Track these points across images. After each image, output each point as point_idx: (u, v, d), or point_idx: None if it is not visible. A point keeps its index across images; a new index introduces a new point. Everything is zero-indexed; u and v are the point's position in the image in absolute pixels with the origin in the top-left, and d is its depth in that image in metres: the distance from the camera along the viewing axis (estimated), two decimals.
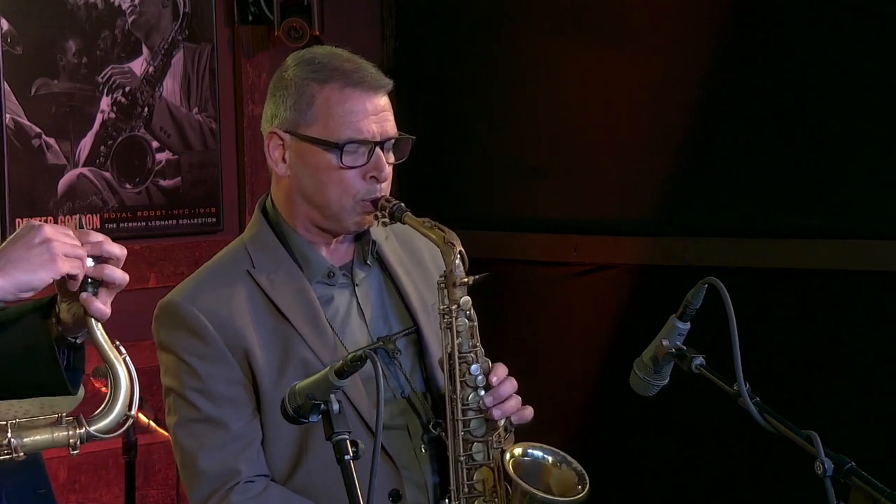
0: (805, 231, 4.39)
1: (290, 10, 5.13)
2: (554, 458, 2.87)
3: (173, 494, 4.86)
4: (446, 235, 2.85)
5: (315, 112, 2.89)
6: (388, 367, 2.94)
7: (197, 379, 2.87)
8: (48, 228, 2.13)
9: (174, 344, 2.91)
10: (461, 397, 2.83)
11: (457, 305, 2.84)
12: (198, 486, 2.88)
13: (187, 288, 2.94)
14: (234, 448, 2.86)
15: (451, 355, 2.84)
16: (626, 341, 4.57)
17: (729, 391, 2.60)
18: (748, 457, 4.41)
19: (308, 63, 2.94)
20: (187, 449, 2.89)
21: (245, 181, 5.24)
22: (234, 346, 2.86)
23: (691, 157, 4.67)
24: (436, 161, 5.02)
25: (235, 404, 2.87)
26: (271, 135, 2.94)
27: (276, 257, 2.94)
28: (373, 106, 2.90)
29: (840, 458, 2.47)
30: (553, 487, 2.84)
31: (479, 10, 5.23)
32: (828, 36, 4.37)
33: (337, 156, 2.87)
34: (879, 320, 4.26)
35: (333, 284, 2.96)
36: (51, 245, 2.11)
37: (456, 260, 2.83)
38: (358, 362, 2.46)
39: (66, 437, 2.11)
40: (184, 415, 2.90)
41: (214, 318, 2.86)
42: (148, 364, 4.79)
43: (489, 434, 2.84)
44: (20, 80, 4.72)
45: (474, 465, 2.84)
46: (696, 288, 2.69)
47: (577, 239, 4.92)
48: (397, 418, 2.92)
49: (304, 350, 2.88)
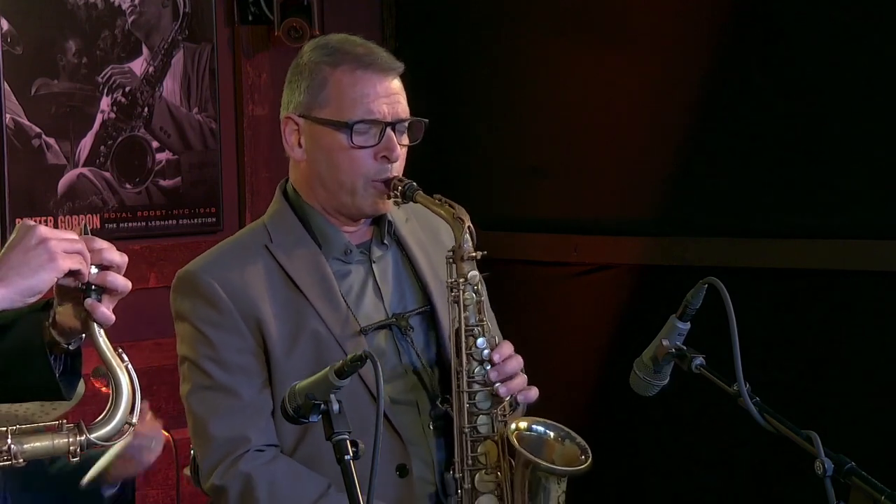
0: (805, 231, 4.39)
1: (290, 10, 5.14)
2: (557, 433, 2.90)
3: (173, 494, 4.85)
4: (456, 211, 2.90)
5: (327, 94, 2.94)
6: (401, 343, 2.98)
7: (210, 347, 2.91)
8: (43, 228, 2.12)
9: (189, 312, 2.94)
10: (467, 370, 2.87)
11: (464, 279, 2.88)
12: (208, 451, 2.92)
13: (205, 259, 3.00)
14: (244, 416, 2.90)
15: (459, 329, 2.88)
16: (626, 341, 4.57)
17: (729, 391, 2.60)
18: (748, 457, 4.41)
19: (322, 48, 3.00)
20: (199, 415, 2.93)
21: (245, 181, 5.24)
22: (247, 316, 2.91)
23: (691, 157, 4.67)
24: (436, 161, 5.01)
25: (247, 373, 2.91)
26: (287, 120, 3.00)
27: (294, 233, 2.99)
28: (384, 88, 2.95)
29: (840, 458, 2.47)
30: (557, 462, 2.86)
31: (479, 10, 5.23)
32: (828, 36, 4.36)
33: (347, 135, 2.92)
34: (879, 320, 4.26)
35: (350, 262, 3.00)
36: (48, 244, 2.11)
37: (465, 234, 2.88)
38: (358, 362, 2.46)
39: (67, 445, 2.10)
40: (197, 382, 2.94)
41: (229, 288, 2.91)
42: (148, 364, 4.83)
43: (494, 407, 2.87)
44: (20, 80, 4.72)
45: (479, 437, 2.88)
46: (696, 288, 2.70)
47: (577, 239, 4.92)
48: (407, 394, 2.96)
49: (317, 322, 2.92)
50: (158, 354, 4.89)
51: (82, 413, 3.39)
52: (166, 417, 3.96)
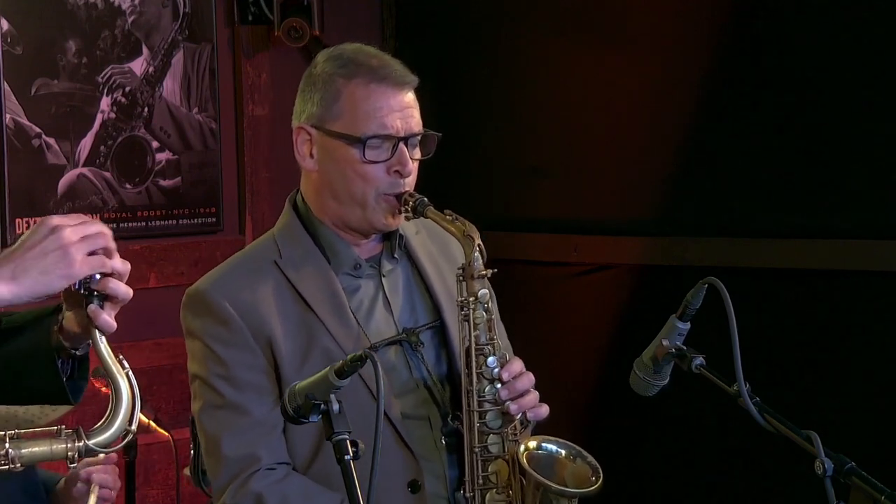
0: (805, 231, 4.39)
1: (290, 10, 5.13)
2: (568, 451, 2.89)
3: (173, 494, 4.85)
4: (466, 229, 2.90)
5: (341, 107, 2.93)
6: (412, 358, 2.97)
7: (221, 365, 2.91)
8: (67, 232, 2.09)
9: (200, 330, 2.94)
10: (477, 389, 2.86)
11: (475, 298, 2.88)
12: (220, 471, 2.91)
13: (214, 276, 2.99)
14: (255, 434, 2.89)
15: (469, 347, 2.87)
16: (626, 341, 4.57)
17: (729, 391, 2.60)
18: (748, 457, 4.41)
19: (336, 59, 2.98)
20: (210, 434, 2.93)
21: (245, 181, 5.24)
22: (258, 334, 2.90)
23: (691, 157, 4.67)
24: (436, 161, 5.01)
25: (258, 391, 2.91)
26: (299, 130, 2.99)
27: (303, 248, 2.98)
28: (397, 102, 2.94)
29: (840, 458, 2.47)
30: (568, 481, 2.85)
31: (479, 10, 5.23)
32: (828, 36, 4.36)
33: (360, 150, 2.91)
34: (879, 320, 4.26)
35: (360, 276, 3.00)
36: (68, 251, 2.09)
37: (475, 253, 2.88)
38: (358, 362, 2.46)
39: (65, 450, 2.10)
40: (208, 400, 2.93)
41: (240, 306, 2.90)
42: (148, 364, 4.83)
43: (505, 426, 2.87)
44: (20, 80, 4.72)
45: (489, 456, 2.87)
46: (696, 288, 2.70)
47: (577, 239, 4.92)
48: (419, 409, 2.95)
49: (327, 339, 2.91)
50: (158, 354, 4.89)
51: (82, 413, 3.40)
52: (166, 417, 3.96)
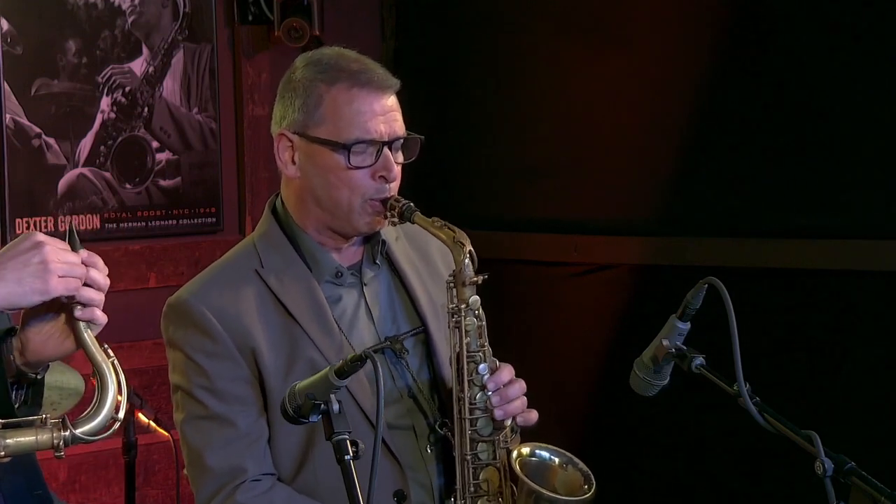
0: (805, 231, 4.39)
1: (290, 10, 5.13)
2: (560, 459, 2.88)
3: (173, 494, 4.86)
4: (456, 235, 2.86)
5: (323, 113, 2.90)
6: (396, 366, 2.94)
7: (205, 377, 2.88)
8: (48, 249, 2.10)
9: (182, 341, 2.90)
10: (468, 396, 2.84)
11: (465, 305, 2.85)
12: (204, 483, 2.89)
13: (196, 286, 2.95)
14: (240, 446, 2.87)
15: (460, 354, 2.85)
16: (626, 341, 4.57)
17: (729, 391, 2.60)
18: (748, 457, 4.41)
19: (316, 64, 2.94)
20: (194, 446, 2.90)
21: (245, 181, 5.24)
22: (242, 345, 2.87)
23: (691, 157, 4.67)
24: (436, 161, 5.01)
25: (243, 402, 2.88)
26: (280, 136, 2.95)
27: (284, 257, 2.95)
28: (380, 106, 2.90)
29: (840, 458, 2.47)
30: (559, 489, 2.84)
31: (479, 11, 5.23)
32: (827, 36, 4.37)
33: (345, 156, 2.88)
34: (879, 320, 4.26)
35: (342, 284, 2.96)
36: (48, 267, 2.10)
37: (465, 259, 2.85)
38: (358, 362, 2.46)
39: (51, 440, 2.09)
40: (191, 412, 2.91)
41: (222, 317, 2.87)
42: (147, 364, 4.83)
43: (496, 434, 2.85)
44: (20, 80, 4.72)
45: (480, 464, 2.85)
46: (696, 288, 2.70)
47: (577, 239, 4.92)
48: (404, 418, 2.93)
49: (311, 350, 2.88)
50: (158, 354, 4.86)
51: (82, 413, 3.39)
52: (166, 417, 3.96)
